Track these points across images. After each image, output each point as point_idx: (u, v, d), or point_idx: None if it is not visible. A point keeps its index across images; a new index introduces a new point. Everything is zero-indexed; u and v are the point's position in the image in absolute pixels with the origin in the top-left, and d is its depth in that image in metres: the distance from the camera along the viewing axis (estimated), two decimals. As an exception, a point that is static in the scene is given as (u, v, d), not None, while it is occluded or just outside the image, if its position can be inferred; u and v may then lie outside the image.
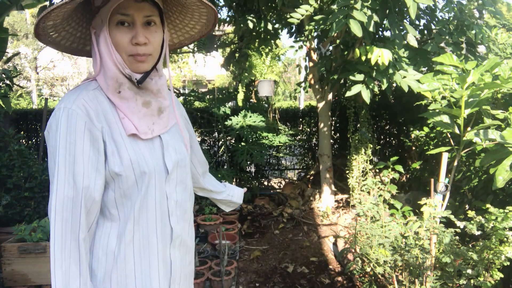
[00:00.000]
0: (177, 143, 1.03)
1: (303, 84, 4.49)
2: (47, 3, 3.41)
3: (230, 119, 4.41)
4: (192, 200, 1.12)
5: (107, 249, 0.94)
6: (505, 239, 1.72)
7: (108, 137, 0.91)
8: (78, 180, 0.86)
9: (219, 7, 4.56)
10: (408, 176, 4.14)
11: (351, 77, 2.93)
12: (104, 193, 0.94)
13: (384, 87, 2.88)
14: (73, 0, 0.83)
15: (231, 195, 1.39)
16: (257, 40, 4.44)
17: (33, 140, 5.53)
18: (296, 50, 3.97)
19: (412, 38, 2.80)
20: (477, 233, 1.78)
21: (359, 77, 2.90)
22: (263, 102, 5.31)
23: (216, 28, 5.02)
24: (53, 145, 0.87)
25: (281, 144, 4.68)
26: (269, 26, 3.79)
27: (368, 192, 3.26)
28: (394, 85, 3.36)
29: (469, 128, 2.03)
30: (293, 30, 4.37)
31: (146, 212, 0.94)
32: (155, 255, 0.97)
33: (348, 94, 2.92)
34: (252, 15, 3.72)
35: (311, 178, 5.00)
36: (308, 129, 5.56)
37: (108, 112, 0.92)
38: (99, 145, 0.89)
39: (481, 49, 3.41)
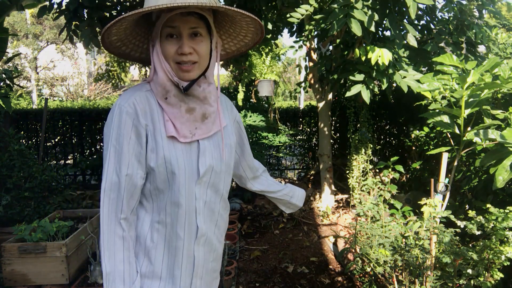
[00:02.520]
0: (216, 149, 1.10)
1: (303, 84, 4.48)
2: (47, 3, 3.41)
3: (230, 119, 4.41)
4: (224, 204, 1.17)
5: (140, 236, 1.05)
6: (505, 239, 1.72)
7: (150, 135, 1.02)
8: (123, 169, 0.99)
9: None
10: (408, 176, 4.14)
11: (351, 77, 2.93)
12: (142, 189, 1.06)
13: (384, 87, 2.88)
14: (126, 17, 0.93)
15: (290, 195, 1.40)
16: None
17: (33, 140, 5.53)
18: (296, 50, 3.97)
19: (412, 38, 2.80)
20: (478, 233, 1.78)
21: (359, 77, 2.90)
22: (263, 102, 5.31)
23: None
24: (107, 135, 1.01)
25: (281, 144, 4.68)
26: (269, 26, 3.79)
27: (368, 192, 3.26)
28: (394, 85, 3.36)
29: (469, 128, 2.03)
30: (294, 30, 4.37)
31: (177, 207, 1.04)
32: (181, 249, 1.06)
33: (348, 94, 2.92)
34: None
35: (311, 178, 5.00)
36: (308, 129, 5.56)
37: (155, 113, 1.02)
38: (142, 140, 1.01)
39: (481, 49, 3.41)
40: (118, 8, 3.81)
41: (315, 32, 3.92)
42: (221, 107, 1.15)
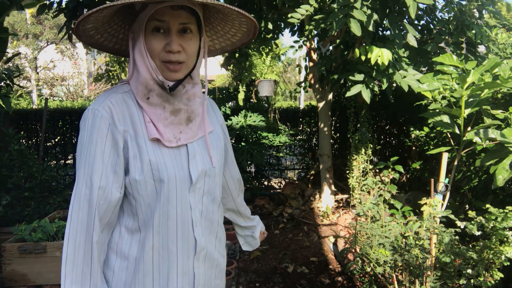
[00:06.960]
0: (206, 152, 1.01)
1: (303, 84, 4.48)
2: (47, 1, 3.41)
3: (230, 119, 4.41)
4: (221, 213, 1.11)
5: (128, 259, 0.93)
6: (505, 239, 1.72)
7: (131, 141, 0.90)
8: (95, 180, 0.86)
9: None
10: (408, 176, 4.14)
11: (351, 77, 2.93)
12: (124, 201, 0.94)
13: (384, 87, 2.88)
14: (110, 7, 0.83)
15: (252, 233, 1.35)
16: (257, 40, 4.44)
17: (33, 140, 5.53)
18: (296, 50, 3.97)
19: (412, 38, 2.80)
20: (478, 233, 1.78)
21: (359, 77, 2.90)
22: (263, 102, 5.31)
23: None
24: (79, 143, 0.90)
25: (281, 144, 4.68)
26: (270, 26, 3.79)
27: (368, 192, 3.26)
28: (394, 85, 3.36)
29: (469, 128, 2.03)
30: (295, 29, 4.37)
31: (166, 221, 0.93)
32: (174, 267, 0.95)
33: (348, 94, 2.92)
34: (252, 15, 3.72)
35: (311, 178, 5.00)
36: (308, 129, 5.56)
37: (135, 116, 0.92)
38: (119, 148, 0.89)
39: (481, 49, 3.41)
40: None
41: (315, 32, 3.93)
42: (207, 110, 1.06)
